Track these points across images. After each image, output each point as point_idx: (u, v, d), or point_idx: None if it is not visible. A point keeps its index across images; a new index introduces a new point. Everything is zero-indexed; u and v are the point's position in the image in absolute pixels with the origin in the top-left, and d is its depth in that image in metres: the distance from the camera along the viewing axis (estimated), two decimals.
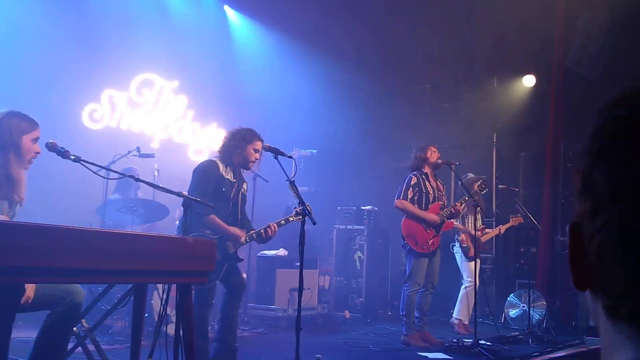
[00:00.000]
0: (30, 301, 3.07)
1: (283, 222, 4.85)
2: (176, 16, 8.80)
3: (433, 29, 9.55)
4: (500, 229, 7.56)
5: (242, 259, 4.96)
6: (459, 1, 9.59)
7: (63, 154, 3.39)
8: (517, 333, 6.81)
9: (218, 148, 4.94)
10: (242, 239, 4.74)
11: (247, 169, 4.94)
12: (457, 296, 7.32)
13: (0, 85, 6.35)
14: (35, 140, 3.58)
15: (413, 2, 9.59)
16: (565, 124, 8.53)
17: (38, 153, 3.60)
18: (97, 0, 7.82)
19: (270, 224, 4.82)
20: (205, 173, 4.72)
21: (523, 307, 7.27)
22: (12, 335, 3.15)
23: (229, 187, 4.78)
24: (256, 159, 4.87)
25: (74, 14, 7.57)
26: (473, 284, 6.84)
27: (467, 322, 7.18)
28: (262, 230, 4.78)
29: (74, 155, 3.40)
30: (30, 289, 3.04)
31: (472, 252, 7.10)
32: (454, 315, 7.29)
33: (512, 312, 7.58)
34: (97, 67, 7.83)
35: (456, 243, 7.29)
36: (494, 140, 9.36)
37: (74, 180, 5.20)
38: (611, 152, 0.62)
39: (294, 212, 4.71)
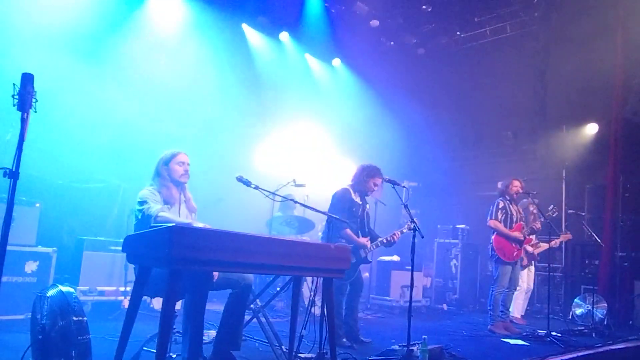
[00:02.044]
0: (214, 280, 3.16)
1: (400, 232, 4.81)
2: (319, 79, 8.99)
3: (513, 88, 9.22)
4: (550, 243, 7.03)
5: (371, 262, 4.92)
6: (534, 66, 9.22)
7: (246, 183, 3.50)
8: (583, 328, 6.19)
9: (350, 178, 4.98)
10: (369, 246, 4.72)
11: (367, 195, 4.95)
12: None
13: (197, 135, 6.81)
14: (180, 163, 3.45)
15: (497, 67, 9.30)
16: (623, 162, 7.85)
17: (185, 171, 3.46)
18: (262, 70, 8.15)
19: (395, 231, 4.79)
20: (341, 197, 4.74)
21: (587, 307, 6.63)
22: (209, 307, 3.33)
23: (357, 207, 4.79)
24: (375, 189, 4.87)
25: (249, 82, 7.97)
26: (522, 287, 6.77)
27: (519, 316, 6.86)
28: (389, 237, 4.76)
29: (253, 184, 3.50)
30: (215, 274, 3.16)
31: (524, 262, 6.72)
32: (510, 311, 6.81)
33: (578, 311, 6.93)
34: (264, 120, 8.22)
35: None
36: (564, 175, 8.78)
37: (252, 202, 5.41)
38: None
39: (405, 226, 4.65)
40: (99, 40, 6.37)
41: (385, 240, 4.75)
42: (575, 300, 7.21)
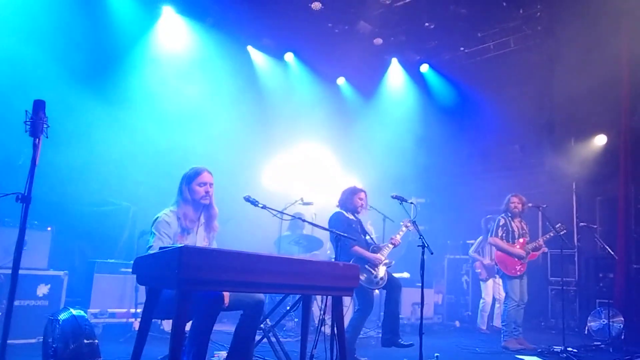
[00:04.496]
0: (226, 303, 3.12)
1: (401, 233, 4.85)
2: (323, 97, 9.13)
3: (519, 101, 9.22)
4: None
5: (392, 262, 4.82)
6: (540, 78, 9.24)
7: (254, 203, 3.55)
8: (599, 343, 6.09)
9: (337, 204, 4.95)
10: (382, 259, 4.68)
11: (358, 213, 4.93)
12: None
13: (205, 155, 6.87)
14: (202, 184, 3.36)
15: (502, 82, 9.34)
16: (634, 173, 7.73)
17: (207, 192, 3.37)
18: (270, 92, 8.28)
19: (392, 237, 4.82)
20: (337, 219, 4.75)
21: (604, 321, 6.52)
22: (220, 328, 3.32)
23: (356, 224, 4.83)
24: (362, 204, 4.87)
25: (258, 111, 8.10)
26: (486, 300, 7.39)
27: (484, 327, 7.34)
28: (390, 244, 4.78)
29: (261, 204, 3.56)
30: (226, 296, 3.10)
31: (483, 275, 7.46)
32: (478, 321, 7.51)
33: (594, 326, 6.81)
34: (272, 141, 8.31)
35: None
36: (573, 187, 8.71)
37: (260, 221, 5.43)
38: None
39: (403, 227, 4.78)
40: (108, 65, 6.51)
41: (389, 246, 4.75)
42: (590, 314, 7.11)
